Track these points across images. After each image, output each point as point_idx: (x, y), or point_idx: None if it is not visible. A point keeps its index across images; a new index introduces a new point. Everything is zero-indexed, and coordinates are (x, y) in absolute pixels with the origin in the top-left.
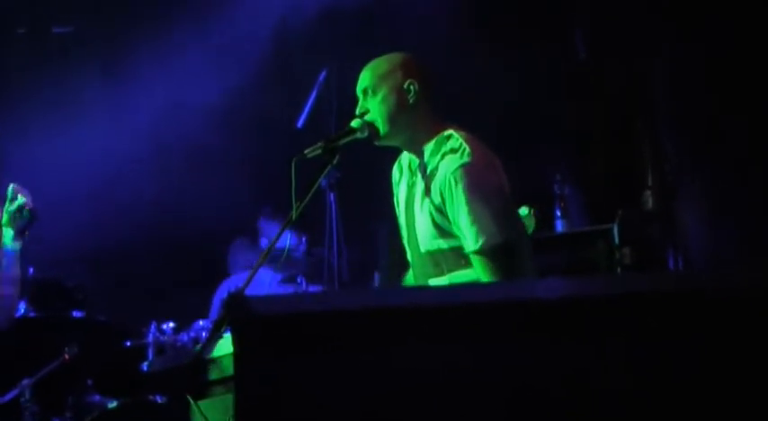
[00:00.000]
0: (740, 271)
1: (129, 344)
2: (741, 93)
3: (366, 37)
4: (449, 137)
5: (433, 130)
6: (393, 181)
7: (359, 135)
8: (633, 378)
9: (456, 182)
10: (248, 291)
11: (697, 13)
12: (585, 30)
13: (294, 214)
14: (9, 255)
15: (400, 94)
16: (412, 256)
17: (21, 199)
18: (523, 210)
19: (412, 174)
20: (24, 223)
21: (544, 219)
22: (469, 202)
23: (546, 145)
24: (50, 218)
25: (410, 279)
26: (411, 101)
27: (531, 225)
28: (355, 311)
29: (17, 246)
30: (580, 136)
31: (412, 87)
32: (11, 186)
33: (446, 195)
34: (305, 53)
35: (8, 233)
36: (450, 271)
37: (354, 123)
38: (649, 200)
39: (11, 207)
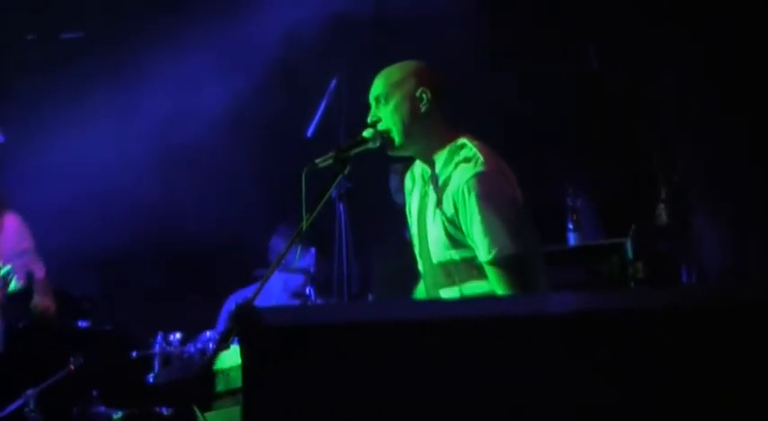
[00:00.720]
0: (756, 285)
1: (135, 354)
2: (753, 105)
3: (378, 45)
4: (462, 146)
5: (446, 139)
6: (405, 190)
7: (371, 145)
8: (646, 395)
9: (469, 191)
10: (257, 303)
11: (707, 23)
12: (597, 41)
13: (304, 225)
14: None
15: (413, 102)
16: (423, 267)
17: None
18: None
19: (424, 183)
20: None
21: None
22: (482, 212)
23: (558, 156)
24: (56, 226)
25: (421, 290)
26: (423, 109)
27: None
28: (365, 324)
29: None
30: (593, 147)
31: (425, 95)
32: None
33: (459, 205)
34: (315, 61)
35: None
36: (461, 282)
37: (366, 133)
38: (663, 213)
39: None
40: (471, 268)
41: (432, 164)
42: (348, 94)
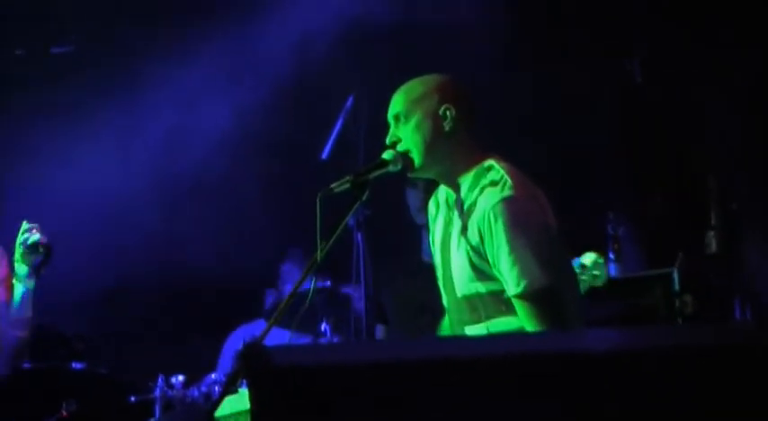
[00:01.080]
0: None
1: (133, 399)
2: None
3: (399, 58)
4: (489, 168)
5: (472, 161)
6: (429, 217)
7: (391, 168)
8: None
9: (496, 217)
10: (267, 341)
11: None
12: (642, 53)
13: (319, 255)
14: (22, 295)
15: (436, 120)
16: (448, 301)
17: (35, 235)
18: (590, 256)
19: (449, 209)
20: (39, 260)
21: None
22: (511, 241)
23: (597, 179)
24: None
25: (446, 326)
26: (447, 128)
27: (601, 275)
28: (386, 364)
29: (31, 284)
30: (636, 170)
31: (449, 113)
32: (24, 222)
33: (485, 233)
34: (330, 76)
35: (22, 270)
36: (488, 318)
37: (386, 155)
38: (713, 241)
39: (24, 242)
40: (499, 302)
41: (456, 187)
42: (366, 112)
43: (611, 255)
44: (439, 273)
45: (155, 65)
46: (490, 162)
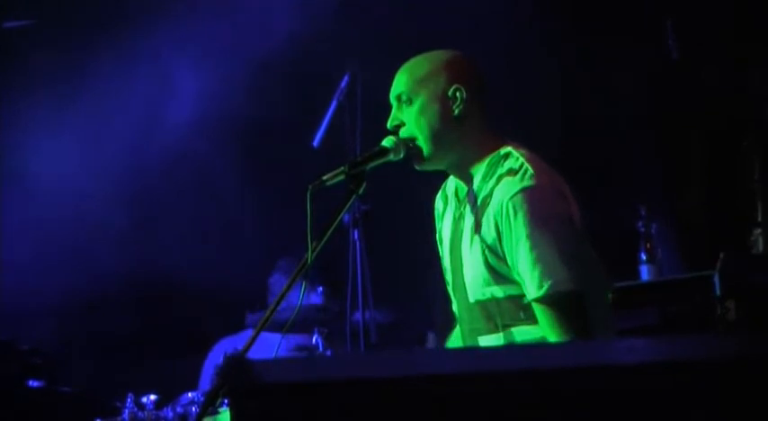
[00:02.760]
0: None
1: None
2: None
3: (401, 31)
4: (506, 155)
5: (487, 148)
6: (436, 214)
7: (392, 157)
8: None
9: (515, 210)
10: (251, 355)
11: None
12: (679, 25)
13: (309, 257)
14: None
15: (444, 102)
16: (459, 308)
17: None
18: None
19: (459, 203)
20: None
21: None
22: (531, 237)
23: (628, 171)
24: (3, 265)
25: (456, 337)
26: (457, 111)
27: None
28: (384, 380)
29: None
30: (671, 160)
31: (458, 94)
32: None
33: (502, 228)
34: (323, 52)
35: None
36: (505, 326)
37: (386, 142)
38: (759, 240)
39: None
40: (517, 309)
41: (468, 179)
42: (363, 92)
43: (643, 256)
44: (448, 276)
45: (125, 42)
46: (507, 149)
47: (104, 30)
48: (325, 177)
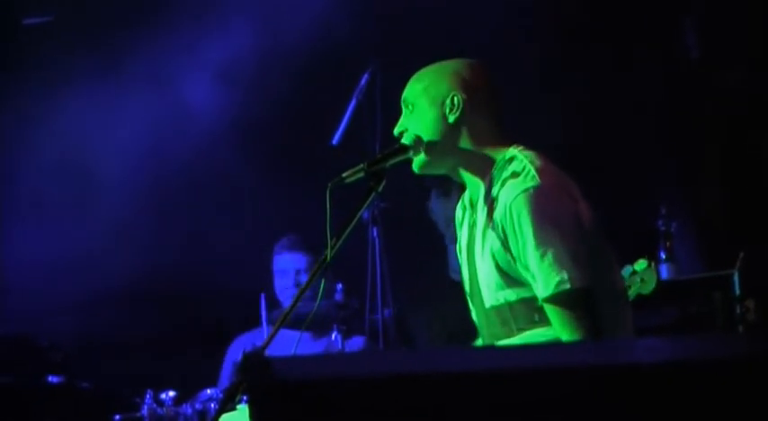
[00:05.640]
0: None
1: (118, 418)
2: None
3: (422, 30)
4: (511, 159)
5: (490, 154)
6: (456, 222)
7: (411, 155)
8: None
9: (518, 210)
10: (270, 351)
11: None
12: (698, 21)
13: (328, 254)
14: None
15: (440, 108)
16: (477, 315)
17: None
18: (641, 264)
19: (472, 210)
20: None
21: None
22: (537, 235)
23: (648, 170)
24: (21, 260)
25: (478, 344)
26: (452, 119)
27: (651, 282)
28: (401, 377)
29: None
30: (692, 158)
31: (456, 100)
32: None
33: (508, 230)
34: (343, 50)
35: None
36: (520, 330)
37: (406, 139)
38: None
39: None
40: (531, 311)
41: (477, 185)
42: (384, 91)
43: (663, 255)
44: (466, 285)
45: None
46: (512, 152)
47: (126, 26)
48: (344, 175)
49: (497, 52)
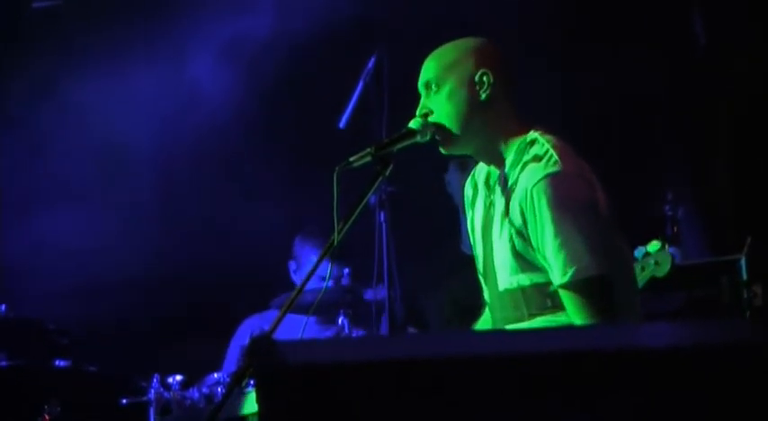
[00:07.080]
0: None
1: (125, 401)
2: None
3: (431, 14)
4: (532, 142)
5: (514, 134)
6: (465, 200)
7: (419, 138)
8: None
9: (539, 196)
10: (277, 336)
11: None
12: (706, 10)
13: (336, 238)
14: None
15: (471, 87)
16: (490, 296)
17: None
18: (654, 246)
19: (489, 190)
20: None
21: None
22: (556, 222)
23: (654, 154)
24: (29, 244)
25: (485, 321)
26: (484, 96)
27: (666, 264)
28: (409, 362)
29: None
30: (698, 144)
31: (486, 78)
32: None
33: (527, 215)
34: (349, 33)
35: None
36: (531, 316)
37: (413, 123)
38: None
39: None
40: (544, 297)
41: (497, 165)
42: (391, 74)
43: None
44: (479, 264)
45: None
46: (534, 135)
47: (134, 10)
48: (351, 159)
49: (505, 37)
